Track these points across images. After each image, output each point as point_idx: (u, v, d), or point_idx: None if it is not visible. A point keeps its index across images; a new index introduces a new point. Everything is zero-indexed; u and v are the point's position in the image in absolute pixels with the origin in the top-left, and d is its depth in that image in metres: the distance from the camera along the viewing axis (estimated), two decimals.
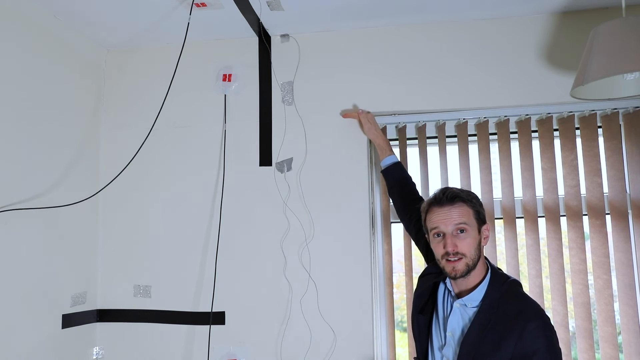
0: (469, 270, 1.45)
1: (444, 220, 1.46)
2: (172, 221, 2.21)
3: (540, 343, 1.32)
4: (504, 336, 1.34)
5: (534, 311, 1.39)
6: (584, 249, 1.95)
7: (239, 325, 2.11)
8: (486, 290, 1.45)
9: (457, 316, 1.47)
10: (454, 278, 1.46)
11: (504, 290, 1.44)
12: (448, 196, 1.49)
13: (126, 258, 2.23)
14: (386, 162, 1.95)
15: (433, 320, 1.56)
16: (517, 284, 1.49)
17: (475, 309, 1.44)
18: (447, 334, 1.48)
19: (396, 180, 1.92)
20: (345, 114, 2.11)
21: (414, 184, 1.92)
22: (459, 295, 1.49)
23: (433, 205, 1.51)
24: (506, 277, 1.49)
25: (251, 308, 2.10)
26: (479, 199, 1.54)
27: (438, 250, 1.48)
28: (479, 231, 1.48)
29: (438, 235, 1.48)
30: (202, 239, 2.17)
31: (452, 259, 1.44)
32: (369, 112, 2.05)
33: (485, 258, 1.53)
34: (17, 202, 1.79)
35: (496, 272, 1.50)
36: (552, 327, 1.37)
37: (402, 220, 1.91)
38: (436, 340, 1.53)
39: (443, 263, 1.47)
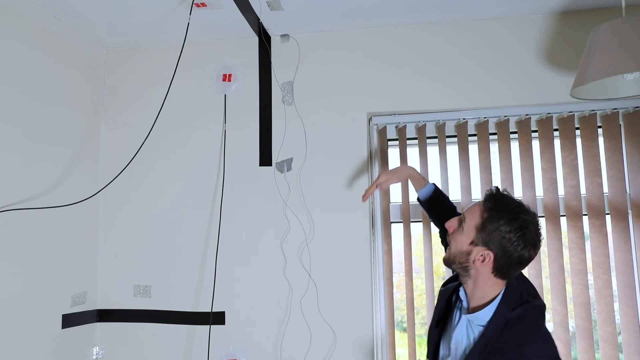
0: (451, 262, 1.40)
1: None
2: (172, 221, 2.21)
3: None
4: None
5: (535, 348, 1.23)
6: (584, 249, 1.95)
7: (239, 325, 2.11)
8: (494, 312, 1.31)
9: (463, 330, 1.38)
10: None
11: (513, 317, 1.29)
12: (486, 194, 1.39)
13: (126, 258, 2.23)
14: (424, 194, 1.76)
15: (445, 328, 1.48)
16: (533, 311, 1.31)
17: (480, 329, 1.33)
18: (451, 345, 1.40)
19: (436, 210, 1.77)
20: (365, 196, 1.82)
21: (452, 205, 1.76)
22: (469, 308, 1.39)
23: None
24: (522, 302, 1.32)
25: (251, 308, 2.11)
26: (501, 225, 1.30)
27: None
28: (473, 243, 1.34)
29: None
30: (202, 239, 2.18)
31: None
32: (380, 176, 1.81)
33: None
34: (17, 202, 1.79)
35: (511, 294, 1.34)
36: None
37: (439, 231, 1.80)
38: (442, 350, 1.45)
39: None
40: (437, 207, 1.76)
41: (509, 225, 1.30)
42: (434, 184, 1.77)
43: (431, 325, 1.53)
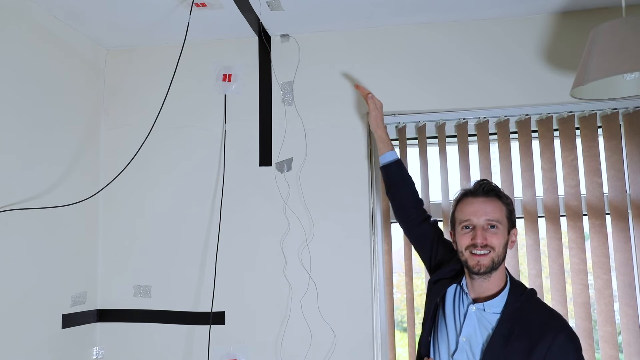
0: (493, 267, 1.41)
1: (477, 212, 1.43)
2: (172, 221, 2.21)
3: (570, 356, 1.32)
4: (532, 347, 1.32)
5: (560, 323, 1.37)
6: (584, 249, 1.95)
7: (239, 325, 2.11)
8: (507, 298, 1.42)
9: (473, 321, 1.42)
10: (477, 273, 1.41)
11: (524, 300, 1.41)
12: (484, 188, 1.46)
13: (126, 258, 2.23)
14: (386, 158, 1.83)
15: (438, 325, 1.51)
16: (534, 293, 1.47)
17: (496, 316, 1.40)
18: (460, 339, 1.42)
19: (396, 180, 1.81)
20: (358, 86, 2.02)
21: (413, 184, 1.81)
22: (476, 301, 1.45)
23: (467, 196, 1.48)
24: (524, 287, 1.47)
25: (251, 308, 2.10)
26: (512, 202, 1.51)
27: (464, 241, 1.44)
28: (508, 232, 1.45)
29: (467, 227, 1.45)
30: (202, 239, 2.18)
31: (478, 252, 1.40)
32: (376, 101, 1.92)
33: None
34: (17, 202, 1.79)
35: (515, 281, 1.48)
36: (578, 338, 1.36)
37: (401, 223, 1.81)
38: (444, 346, 1.46)
39: (467, 255, 1.43)
40: (400, 180, 1.82)
41: (507, 198, 1.50)
42: (398, 156, 1.85)
43: (425, 319, 1.56)
